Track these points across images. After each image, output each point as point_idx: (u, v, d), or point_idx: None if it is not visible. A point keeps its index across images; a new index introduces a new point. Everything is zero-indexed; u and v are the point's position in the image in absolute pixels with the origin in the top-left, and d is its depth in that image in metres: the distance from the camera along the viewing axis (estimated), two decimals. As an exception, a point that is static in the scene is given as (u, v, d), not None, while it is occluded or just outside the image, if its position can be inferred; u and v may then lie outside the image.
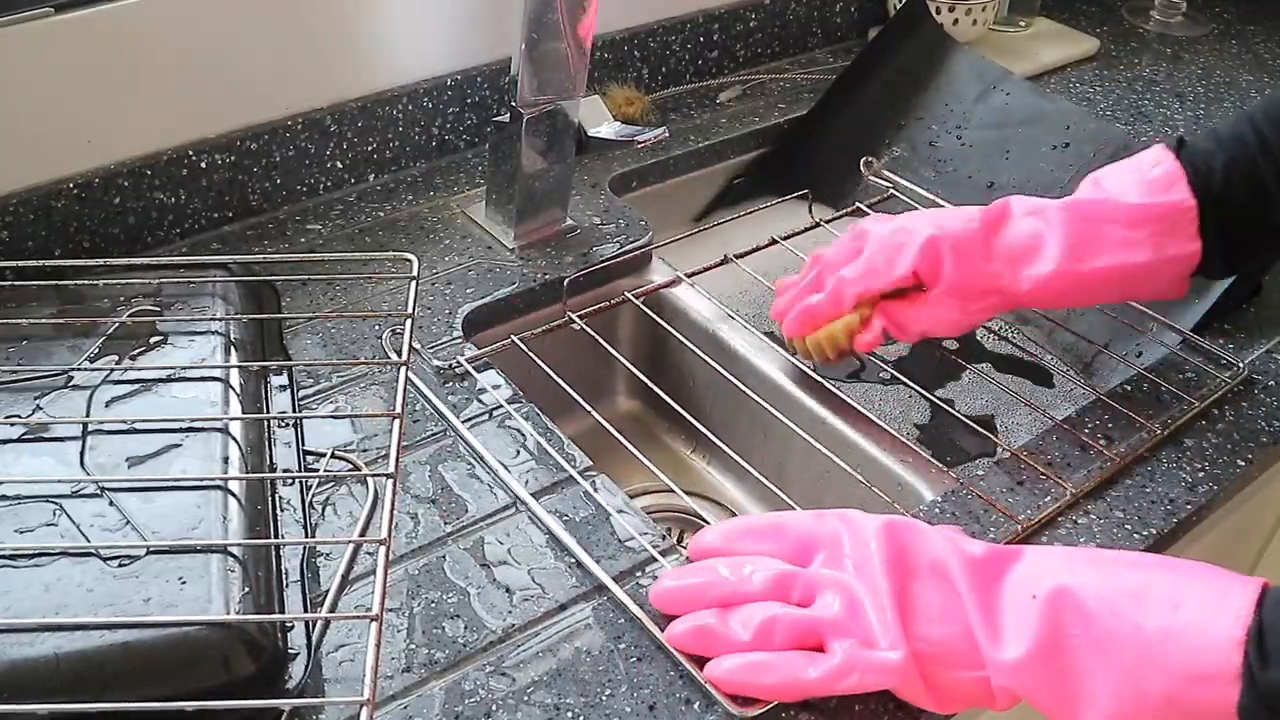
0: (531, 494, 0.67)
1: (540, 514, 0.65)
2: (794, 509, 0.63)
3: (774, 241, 0.89)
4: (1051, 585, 0.52)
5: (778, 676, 0.55)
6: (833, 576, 0.56)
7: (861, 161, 0.97)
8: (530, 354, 0.76)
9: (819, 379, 0.80)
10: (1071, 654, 0.51)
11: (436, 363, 0.75)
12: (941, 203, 0.93)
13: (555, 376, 0.73)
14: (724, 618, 0.57)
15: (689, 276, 0.86)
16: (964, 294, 0.72)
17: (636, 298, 0.83)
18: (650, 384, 0.76)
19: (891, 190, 0.96)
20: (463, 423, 0.71)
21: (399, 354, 0.69)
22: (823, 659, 0.55)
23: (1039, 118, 0.96)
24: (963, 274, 0.71)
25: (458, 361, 0.75)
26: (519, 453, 0.70)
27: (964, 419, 0.78)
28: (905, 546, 0.56)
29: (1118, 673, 0.50)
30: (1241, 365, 0.78)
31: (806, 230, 0.91)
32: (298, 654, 0.56)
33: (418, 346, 0.76)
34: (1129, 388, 0.77)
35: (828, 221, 0.92)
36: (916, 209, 0.93)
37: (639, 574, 0.63)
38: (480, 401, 0.73)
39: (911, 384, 0.80)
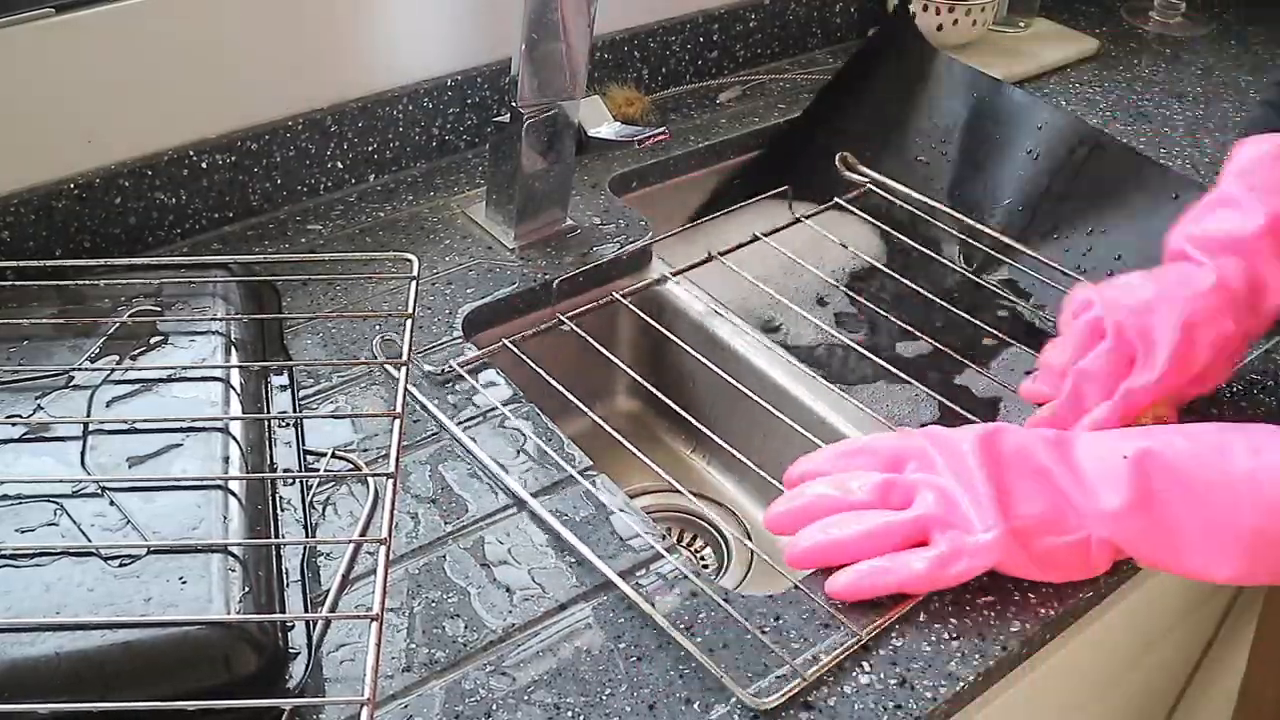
0: (531, 494, 0.67)
1: (541, 513, 0.65)
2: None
3: (756, 238, 0.90)
4: (1140, 446, 0.59)
5: (894, 577, 0.60)
6: (926, 478, 0.62)
7: (837, 157, 0.97)
8: (523, 356, 0.76)
9: (821, 380, 0.80)
10: (1164, 505, 0.58)
11: (437, 361, 0.75)
12: (918, 196, 0.94)
13: (549, 378, 0.73)
14: (830, 529, 0.62)
15: (675, 275, 0.86)
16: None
17: (625, 298, 0.84)
18: (645, 384, 0.76)
19: (868, 184, 0.96)
20: (463, 423, 0.71)
21: (399, 354, 0.69)
22: (928, 551, 0.60)
23: (1016, 122, 0.96)
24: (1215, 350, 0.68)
25: (457, 361, 0.75)
26: (519, 453, 0.70)
27: (971, 419, 0.77)
28: (993, 443, 0.62)
29: (1209, 515, 0.57)
30: None
31: (788, 226, 0.93)
32: (298, 653, 0.56)
33: (418, 347, 0.76)
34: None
35: (808, 217, 0.93)
36: (895, 204, 0.94)
37: (640, 573, 0.63)
38: (480, 402, 0.73)
39: (918, 384, 0.80)
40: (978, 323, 0.84)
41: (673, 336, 0.82)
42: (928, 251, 0.91)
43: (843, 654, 0.59)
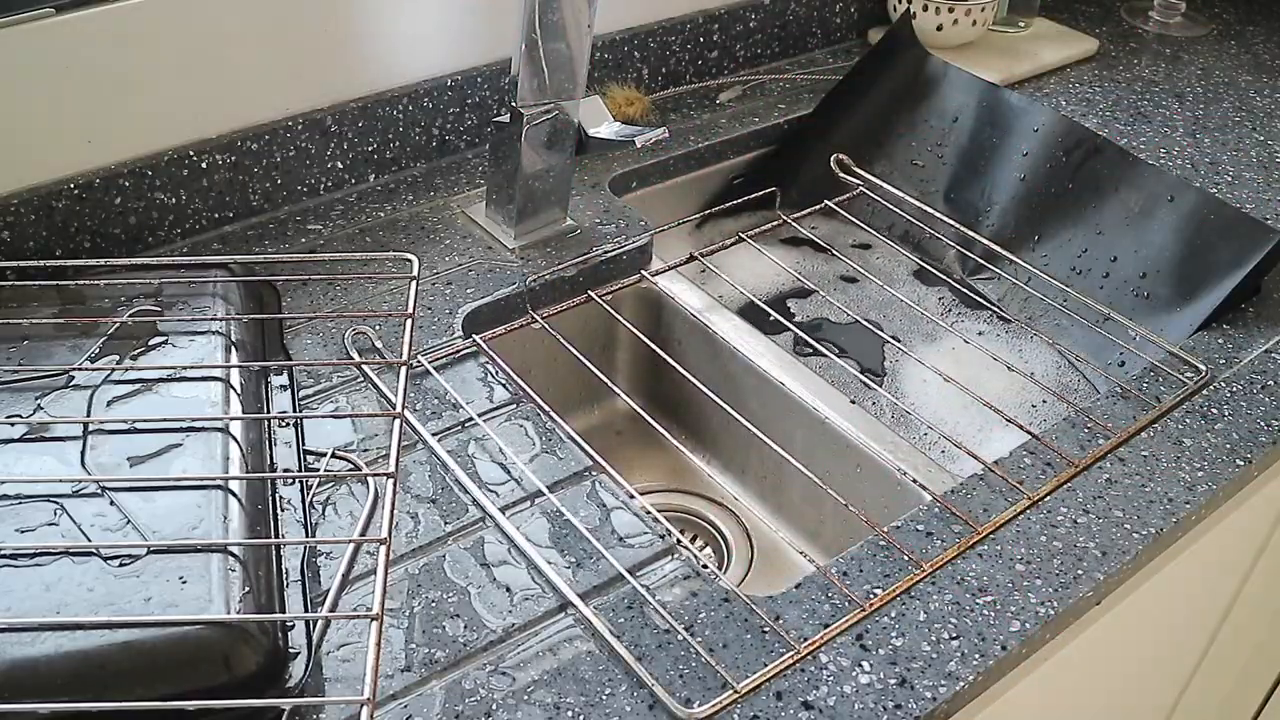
0: (531, 494, 0.67)
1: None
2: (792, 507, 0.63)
3: (740, 239, 0.91)
4: None
5: None
6: None
7: (832, 159, 0.97)
8: (541, 341, 0.76)
9: (821, 378, 0.80)
10: None
11: (437, 361, 0.75)
12: (912, 201, 0.94)
13: (576, 353, 0.73)
14: None
15: (653, 275, 0.86)
16: None
17: (600, 297, 0.84)
18: (646, 371, 0.76)
19: (861, 188, 0.96)
20: (463, 422, 0.71)
21: (399, 355, 0.69)
22: None
23: (1012, 125, 0.96)
24: None
25: (457, 359, 0.75)
26: (520, 452, 0.70)
27: (957, 444, 0.78)
28: None
29: None
30: (1203, 368, 0.79)
31: (773, 226, 0.93)
32: (298, 653, 0.56)
33: (419, 345, 0.76)
34: (1128, 385, 0.77)
35: (794, 218, 0.93)
36: (889, 209, 0.94)
37: (640, 573, 0.63)
38: (481, 400, 0.73)
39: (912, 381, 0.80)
40: (968, 324, 0.84)
41: (676, 336, 0.82)
42: (917, 259, 0.92)
43: (844, 624, 0.59)
